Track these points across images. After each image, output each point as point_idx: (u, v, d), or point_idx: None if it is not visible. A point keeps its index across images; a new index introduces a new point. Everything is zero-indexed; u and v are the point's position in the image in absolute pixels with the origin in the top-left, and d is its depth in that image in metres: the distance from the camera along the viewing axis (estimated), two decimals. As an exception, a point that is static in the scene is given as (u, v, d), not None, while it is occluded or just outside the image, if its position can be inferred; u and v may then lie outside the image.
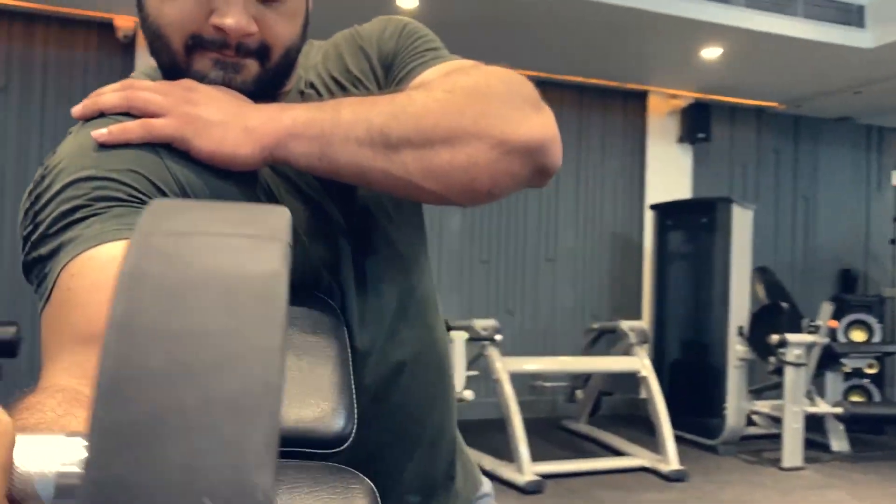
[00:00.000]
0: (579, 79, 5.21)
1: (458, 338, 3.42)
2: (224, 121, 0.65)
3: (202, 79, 0.69)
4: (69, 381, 0.49)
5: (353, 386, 0.68)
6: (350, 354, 0.72)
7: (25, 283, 0.63)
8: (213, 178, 0.67)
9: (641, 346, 4.12)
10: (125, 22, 4.10)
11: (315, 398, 0.65)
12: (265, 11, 0.69)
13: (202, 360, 0.26)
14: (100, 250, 0.56)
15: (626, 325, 4.20)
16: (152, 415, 0.25)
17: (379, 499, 0.60)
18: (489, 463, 3.65)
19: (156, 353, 0.26)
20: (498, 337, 3.71)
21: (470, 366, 3.95)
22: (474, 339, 3.69)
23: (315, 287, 0.74)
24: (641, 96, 5.53)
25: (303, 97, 0.79)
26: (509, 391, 3.67)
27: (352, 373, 0.69)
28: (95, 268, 0.55)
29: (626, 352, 4.19)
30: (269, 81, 0.73)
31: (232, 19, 0.66)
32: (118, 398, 0.25)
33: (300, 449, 0.62)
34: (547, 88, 4.60)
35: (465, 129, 0.68)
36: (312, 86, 0.81)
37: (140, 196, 0.61)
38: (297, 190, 0.74)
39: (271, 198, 0.72)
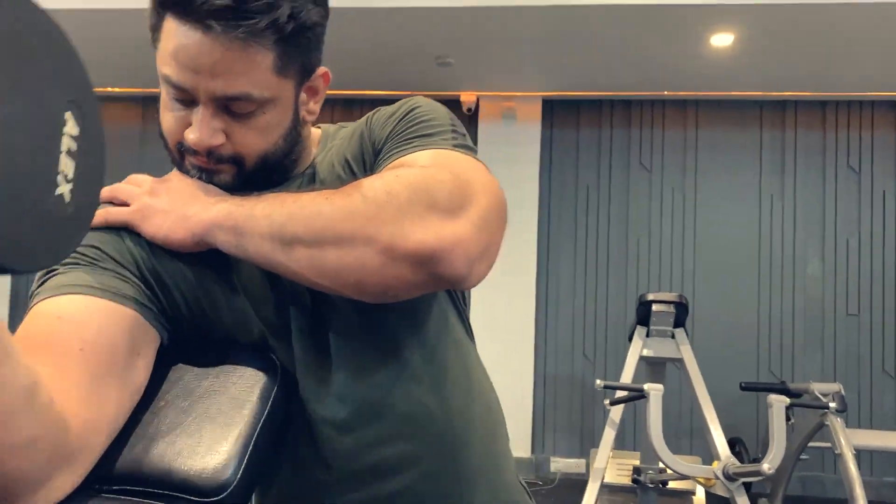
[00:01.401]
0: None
1: (777, 403, 3.04)
2: (167, 210, 0.79)
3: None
4: None
5: (262, 439, 0.76)
6: (277, 414, 0.80)
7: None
8: (167, 256, 0.81)
9: None
10: (468, 97, 4.60)
11: (202, 450, 0.74)
12: (235, 126, 0.79)
13: None
14: (48, 303, 0.74)
15: None
16: None
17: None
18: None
19: None
20: (832, 405, 3.19)
21: (812, 437, 3.48)
22: (809, 405, 3.24)
23: (262, 347, 0.84)
24: None
25: (313, 180, 0.90)
26: (854, 471, 3.12)
27: (261, 426, 0.77)
28: (44, 314, 0.73)
29: None
30: (254, 179, 0.83)
31: (194, 135, 0.78)
32: None
33: (181, 497, 0.72)
34: None
35: (353, 233, 0.71)
36: (331, 167, 0.90)
37: (95, 262, 0.78)
38: None
39: (225, 268, 0.84)
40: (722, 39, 3.61)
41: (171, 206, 0.79)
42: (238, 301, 0.83)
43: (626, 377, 3.37)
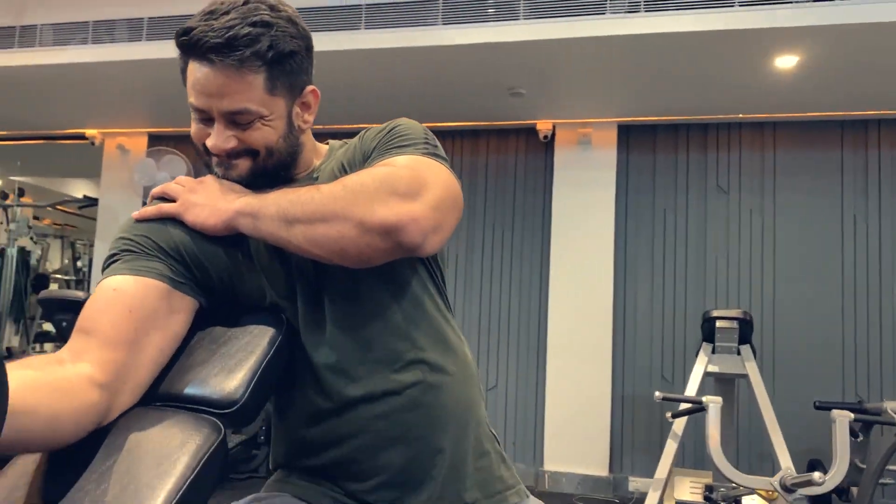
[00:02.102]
0: None
1: (840, 418, 3.04)
2: (204, 204, 1.06)
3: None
4: (62, 353, 0.95)
5: (269, 371, 1.01)
6: (280, 353, 1.06)
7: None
8: (204, 240, 1.08)
9: None
10: (545, 125, 4.81)
11: (221, 376, 1.01)
12: (242, 133, 1.05)
13: None
14: (109, 281, 1.02)
15: None
16: None
17: (224, 437, 0.94)
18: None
19: None
20: (903, 422, 3.15)
21: (889, 458, 3.42)
22: (875, 420, 3.21)
23: (275, 310, 1.10)
24: None
25: (315, 181, 1.16)
26: (926, 489, 3.07)
27: (266, 360, 1.02)
28: (106, 288, 1.01)
29: None
30: (265, 170, 1.09)
31: (211, 142, 1.06)
32: None
33: (203, 409, 0.98)
34: None
35: (335, 213, 0.96)
36: (331, 173, 1.16)
37: (145, 249, 1.06)
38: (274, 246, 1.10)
39: (247, 249, 1.10)
40: (786, 62, 3.68)
41: (206, 200, 1.07)
42: (256, 275, 1.10)
43: (690, 392, 3.44)
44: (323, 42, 3.57)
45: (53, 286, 8.88)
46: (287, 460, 1.18)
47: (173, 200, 1.09)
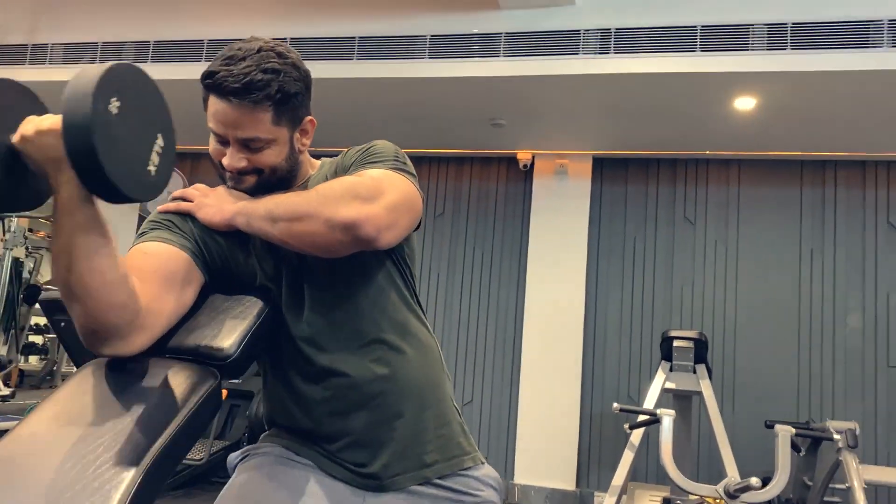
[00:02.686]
0: None
1: (783, 432, 3.30)
2: (212, 205, 1.31)
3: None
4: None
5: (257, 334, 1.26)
6: (266, 322, 1.30)
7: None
8: (209, 232, 1.34)
9: None
10: (524, 155, 5.11)
11: (219, 335, 1.25)
12: (252, 155, 1.30)
13: None
14: (141, 245, 1.26)
15: None
16: None
17: (220, 382, 1.18)
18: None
19: None
20: (837, 437, 3.40)
21: (833, 475, 3.68)
22: (815, 436, 3.46)
23: (264, 290, 1.35)
24: None
25: (304, 188, 1.41)
26: (861, 497, 3.32)
27: (255, 325, 1.26)
28: (137, 251, 1.25)
29: None
30: (268, 184, 1.33)
31: (226, 161, 1.30)
32: None
33: (203, 360, 1.23)
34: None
35: (308, 213, 1.21)
36: (319, 182, 1.42)
37: (168, 225, 1.31)
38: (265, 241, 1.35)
39: (245, 243, 1.35)
40: (744, 103, 3.99)
41: (214, 203, 1.33)
42: (250, 260, 1.35)
43: (648, 406, 3.69)
44: (318, 70, 3.85)
45: (45, 296, 8.98)
46: (275, 420, 1.42)
47: (189, 201, 1.35)
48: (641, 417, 3.54)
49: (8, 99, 1.11)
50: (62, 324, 4.17)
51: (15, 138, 1.08)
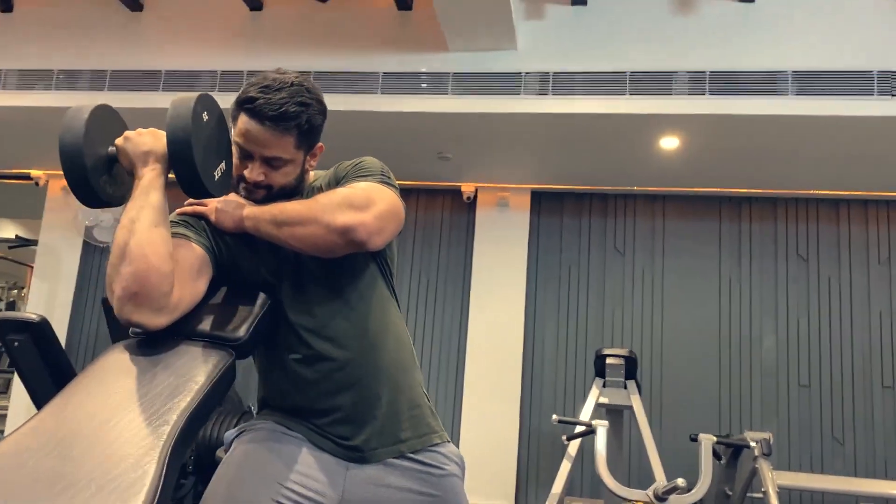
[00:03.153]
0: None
1: (706, 441, 3.62)
2: (224, 210, 1.53)
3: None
4: None
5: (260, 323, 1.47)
6: (269, 312, 1.51)
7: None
8: (221, 234, 1.54)
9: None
10: (468, 188, 5.41)
11: (232, 322, 1.46)
12: (271, 172, 1.52)
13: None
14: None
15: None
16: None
17: (234, 360, 1.39)
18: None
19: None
20: (753, 444, 3.74)
21: (751, 482, 4.01)
22: (733, 444, 3.79)
23: (267, 284, 1.56)
24: None
25: (302, 196, 1.63)
26: (775, 500, 3.66)
27: (261, 314, 1.47)
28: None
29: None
30: (275, 198, 1.55)
31: (249, 174, 1.52)
32: None
33: (218, 341, 1.43)
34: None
35: (309, 219, 1.44)
36: (315, 191, 1.65)
37: (186, 224, 1.51)
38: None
39: (251, 244, 1.56)
40: (669, 143, 4.38)
41: (225, 208, 1.54)
42: (255, 258, 1.56)
43: (583, 419, 3.97)
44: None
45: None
46: (270, 402, 1.61)
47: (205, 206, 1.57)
48: (578, 429, 3.81)
49: (107, 120, 1.41)
50: (16, 343, 4.19)
51: (118, 140, 1.42)
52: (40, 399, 3.70)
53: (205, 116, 1.40)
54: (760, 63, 3.98)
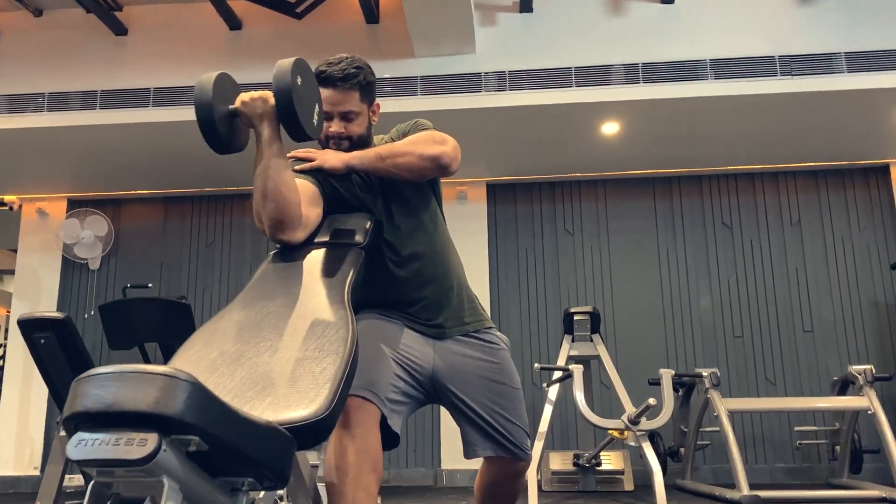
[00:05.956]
0: (817, 164, 5.80)
1: (666, 374, 4.22)
2: (334, 157, 2.02)
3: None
4: None
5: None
6: (376, 229, 2.00)
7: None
8: (329, 176, 2.01)
9: (870, 387, 4.38)
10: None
11: (357, 229, 1.95)
12: (348, 125, 2.01)
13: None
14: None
15: (856, 369, 4.49)
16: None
17: (363, 252, 1.88)
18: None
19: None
20: (705, 375, 4.38)
21: (704, 411, 4.63)
22: (689, 375, 4.42)
23: (367, 209, 2.05)
24: (884, 170, 5.83)
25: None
26: (727, 425, 4.26)
27: (372, 226, 1.97)
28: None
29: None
30: (355, 146, 2.06)
31: (333, 129, 2.01)
32: None
33: (349, 244, 1.92)
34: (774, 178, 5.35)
35: (407, 152, 1.94)
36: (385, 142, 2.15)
37: (300, 171, 2.00)
38: (365, 181, 2.06)
39: (354, 181, 2.04)
40: (610, 128, 5.05)
41: (333, 156, 2.02)
42: (359, 193, 2.04)
43: (557, 373, 4.52)
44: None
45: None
46: (370, 300, 2.07)
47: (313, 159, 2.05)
48: (556, 375, 4.36)
49: (228, 84, 1.83)
50: (42, 340, 4.50)
51: (236, 104, 1.80)
52: (61, 394, 3.99)
53: (298, 80, 1.76)
54: (683, 53, 4.69)
